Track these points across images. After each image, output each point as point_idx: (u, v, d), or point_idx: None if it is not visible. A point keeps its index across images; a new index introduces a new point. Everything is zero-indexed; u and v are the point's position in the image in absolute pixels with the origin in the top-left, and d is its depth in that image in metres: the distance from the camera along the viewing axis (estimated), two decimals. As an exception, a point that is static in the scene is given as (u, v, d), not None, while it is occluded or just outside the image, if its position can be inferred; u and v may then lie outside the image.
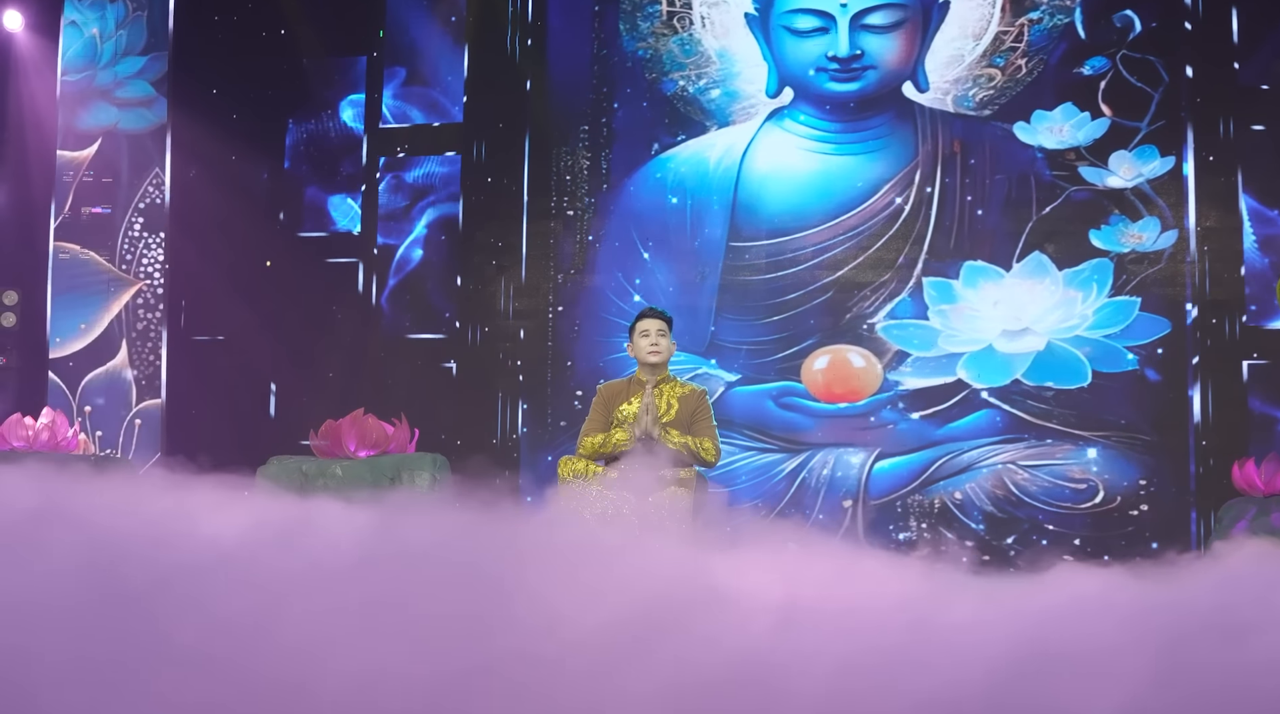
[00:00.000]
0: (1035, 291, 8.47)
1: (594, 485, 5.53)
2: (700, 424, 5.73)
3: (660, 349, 5.79)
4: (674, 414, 5.73)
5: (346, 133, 9.44)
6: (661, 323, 5.84)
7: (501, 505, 3.74)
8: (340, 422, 6.80)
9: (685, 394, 5.80)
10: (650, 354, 5.80)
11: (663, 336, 5.80)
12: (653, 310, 5.93)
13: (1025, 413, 8.43)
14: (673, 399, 5.77)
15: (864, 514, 8.44)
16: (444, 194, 9.24)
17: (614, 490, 5.48)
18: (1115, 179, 8.43)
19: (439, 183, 9.26)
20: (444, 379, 9.07)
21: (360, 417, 6.80)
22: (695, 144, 8.91)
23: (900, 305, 8.63)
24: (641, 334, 5.84)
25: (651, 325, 5.84)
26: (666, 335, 5.81)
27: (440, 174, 9.26)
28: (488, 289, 9.09)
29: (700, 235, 8.84)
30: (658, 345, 5.80)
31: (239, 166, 9.39)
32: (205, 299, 9.35)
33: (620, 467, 5.60)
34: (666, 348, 5.81)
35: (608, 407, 5.81)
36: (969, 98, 8.67)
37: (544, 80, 9.08)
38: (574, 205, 9.02)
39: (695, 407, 5.77)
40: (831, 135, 8.78)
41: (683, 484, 5.54)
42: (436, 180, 9.26)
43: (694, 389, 5.84)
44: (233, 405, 9.16)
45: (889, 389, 8.59)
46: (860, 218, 8.68)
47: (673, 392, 5.81)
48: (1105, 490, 8.30)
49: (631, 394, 5.79)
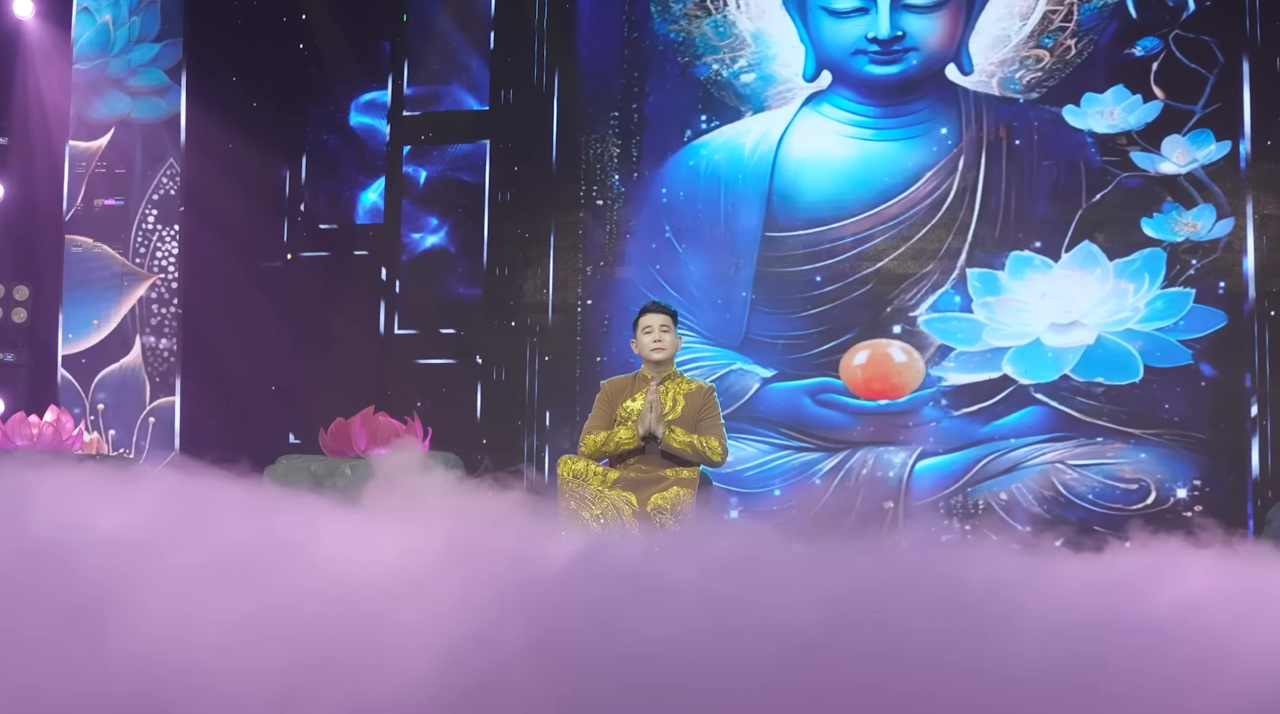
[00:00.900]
0: (1085, 283, 8.32)
1: (594, 486, 5.47)
2: (707, 422, 5.65)
3: (664, 346, 5.69)
4: (680, 411, 5.67)
5: (368, 121, 9.36)
6: (665, 317, 5.73)
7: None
8: (350, 420, 6.74)
9: (692, 390, 5.72)
10: (654, 351, 5.70)
11: (666, 332, 5.70)
12: (655, 304, 5.81)
13: (1074, 410, 8.27)
14: (679, 396, 5.70)
15: (905, 516, 8.26)
16: (469, 184, 9.15)
17: (614, 491, 5.44)
18: (1168, 165, 8.26)
19: (463, 172, 9.17)
20: (468, 375, 9.00)
21: (370, 415, 6.74)
22: (729, 130, 8.78)
23: (943, 298, 8.49)
24: (644, 330, 5.74)
25: (654, 321, 5.73)
26: (671, 331, 5.72)
27: (465, 163, 9.17)
28: (514, 282, 9.01)
29: (735, 225, 8.72)
30: (661, 341, 5.69)
31: (256, 156, 9.30)
32: (221, 293, 9.27)
33: (620, 467, 5.56)
34: (671, 344, 5.72)
35: (611, 404, 5.75)
36: (1015, 80, 8.50)
37: (573, 65, 8.99)
38: (604, 195, 8.91)
39: (702, 403, 5.69)
40: (871, 120, 8.64)
41: (685, 484, 5.49)
42: (461, 170, 9.17)
43: (700, 385, 5.75)
44: (248, 402, 9.10)
45: (931, 385, 8.46)
46: (901, 206, 8.55)
47: (679, 388, 5.73)
48: (1158, 491, 8.14)
49: (636, 390, 5.73)
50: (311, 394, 8.95)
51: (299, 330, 9.21)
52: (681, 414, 5.67)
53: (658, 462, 5.57)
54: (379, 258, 9.23)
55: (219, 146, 9.29)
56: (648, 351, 5.73)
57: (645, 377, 5.76)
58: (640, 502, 5.42)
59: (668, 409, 5.67)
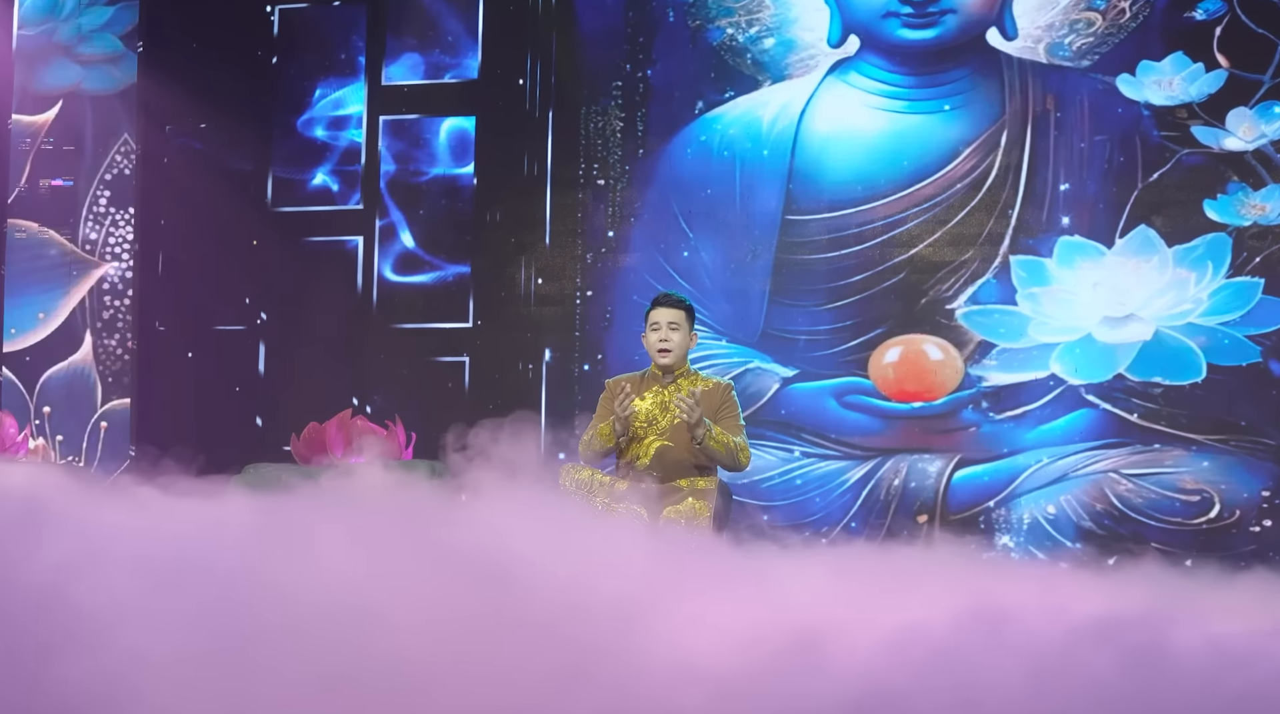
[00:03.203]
0: (1141, 272, 8.13)
1: (600, 497, 5.45)
2: (727, 423, 5.58)
3: (672, 346, 5.61)
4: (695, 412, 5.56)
5: (343, 93, 9.12)
6: (676, 313, 5.66)
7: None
8: (325, 424, 6.82)
9: (708, 389, 5.63)
10: (660, 353, 5.64)
11: (675, 331, 5.62)
12: (666, 297, 5.74)
13: (1129, 413, 8.09)
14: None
15: (941, 530, 8.14)
16: (456, 162, 8.95)
17: (622, 503, 5.41)
18: (1234, 140, 8.05)
19: (450, 149, 8.98)
20: (455, 375, 8.83)
21: (347, 419, 6.82)
22: (746, 102, 8.57)
23: (984, 288, 8.29)
24: (652, 327, 5.69)
25: (662, 316, 5.66)
26: (681, 328, 5.63)
27: (452, 138, 8.97)
28: (506, 271, 8.80)
29: (751, 208, 8.54)
30: (668, 341, 5.62)
31: (219, 132, 9.08)
32: (181, 283, 9.10)
33: (630, 477, 5.54)
34: (680, 344, 5.63)
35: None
36: (1064, 46, 8.26)
37: (571, 30, 8.77)
38: (605, 174, 8.69)
39: (720, 403, 5.61)
40: (904, 91, 8.44)
41: (701, 496, 5.46)
42: (448, 146, 8.98)
43: (718, 383, 5.69)
44: (211, 405, 8.96)
45: (971, 386, 8.27)
46: (937, 187, 8.37)
47: (693, 386, 5.63)
48: (1222, 503, 7.95)
49: (644, 390, 5.68)
50: (281, 394, 8.90)
51: (267, 324, 9.07)
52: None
53: (670, 471, 5.54)
54: (355, 244, 9.04)
55: (178, 120, 9.11)
56: (654, 351, 5.66)
57: (655, 374, 5.69)
58: (652, 515, 5.39)
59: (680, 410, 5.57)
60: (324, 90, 9.12)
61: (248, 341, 9.02)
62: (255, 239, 9.05)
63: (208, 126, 9.02)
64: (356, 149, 9.02)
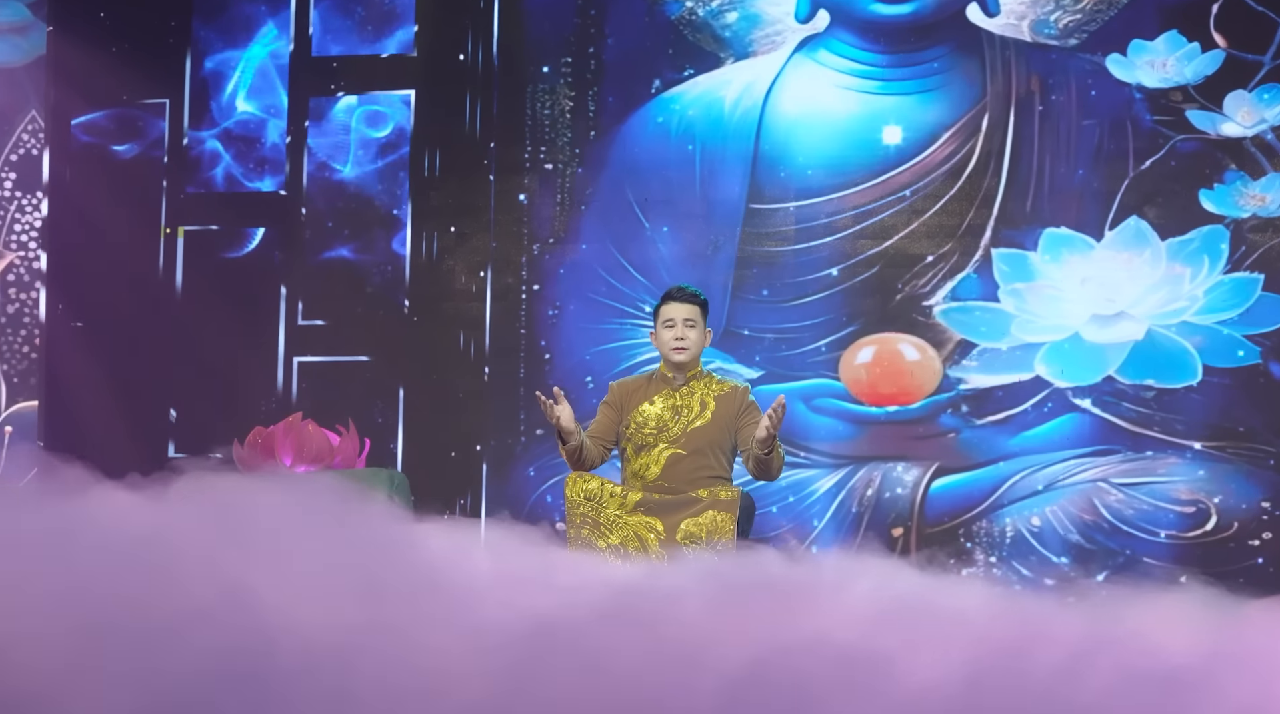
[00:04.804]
0: (1132, 266, 8.05)
1: (610, 510, 5.36)
2: (751, 429, 5.42)
3: (687, 344, 5.50)
4: (709, 417, 5.53)
5: (267, 66, 8.95)
6: (691, 309, 5.55)
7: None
8: (273, 429, 6.74)
9: (724, 393, 5.57)
10: (675, 351, 5.50)
11: (691, 327, 5.52)
12: (681, 291, 5.61)
13: (1120, 418, 8.00)
14: (708, 398, 5.56)
15: (918, 544, 8.09)
16: (390, 143, 8.79)
17: (635, 516, 5.35)
18: (1231, 126, 7.98)
19: (384, 129, 8.82)
20: (388, 375, 8.68)
21: (297, 423, 6.69)
22: (707, 81, 8.46)
23: (964, 284, 8.20)
24: (666, 324, 5.54)
25: (677, 312, 5.53)
26: (697, 325, 5.54)
27: (385, 117, 8.82)
28: (443, 263, 8.62)
29: (713, 196, 8.43)
30: (684, 339, 5.50)
31: (135, 108, 8.91)
32: (93, 275, 8.89)
33: (643, 487, 5.48)
34: (696, 341, 5.53)
35: (620, 410, 5.58)
36: (1050, 23, 8.19)
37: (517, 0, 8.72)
38: (554, 157, 8.55)
39: (740, 407, 5.53)
40: (878, 70, 8.35)
41: (724, 507, 5.34)
42: (380, 127, 8.83)
43: (735, 386, 5.62)
44: (127, 408, 8.74)
45: (950, 388, 8.18)
46: (914, 174, 8.26)
47: (707, 390, 5.57)
48: (1219, 515, 7.88)
49: (653, 393, 5.57)
50: (200, 397, 8.73)
51: (185, 322, 8.87)
52: (711, 420, 5.52)
53: (684, 482, 5.43)
54: (279, 232, 8.84)
55: (92, 96, 8.90)
56: (668, 350, 5.51)
57: (665, 375, 5.57)
58: (668, 529, 5.32)
59: (695, 413, 5.53)
60: (245, 64, 9.02)
61: (168, 337, 8.87)
62: (170, 227, 8.97)
63: (124, 102, 8.93)
64: (280, 128, 8.90)
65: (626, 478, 5.58)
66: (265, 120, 8.93)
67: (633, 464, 5.53)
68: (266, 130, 8.93)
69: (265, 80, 8.95)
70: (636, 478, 5.52)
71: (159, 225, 8.92)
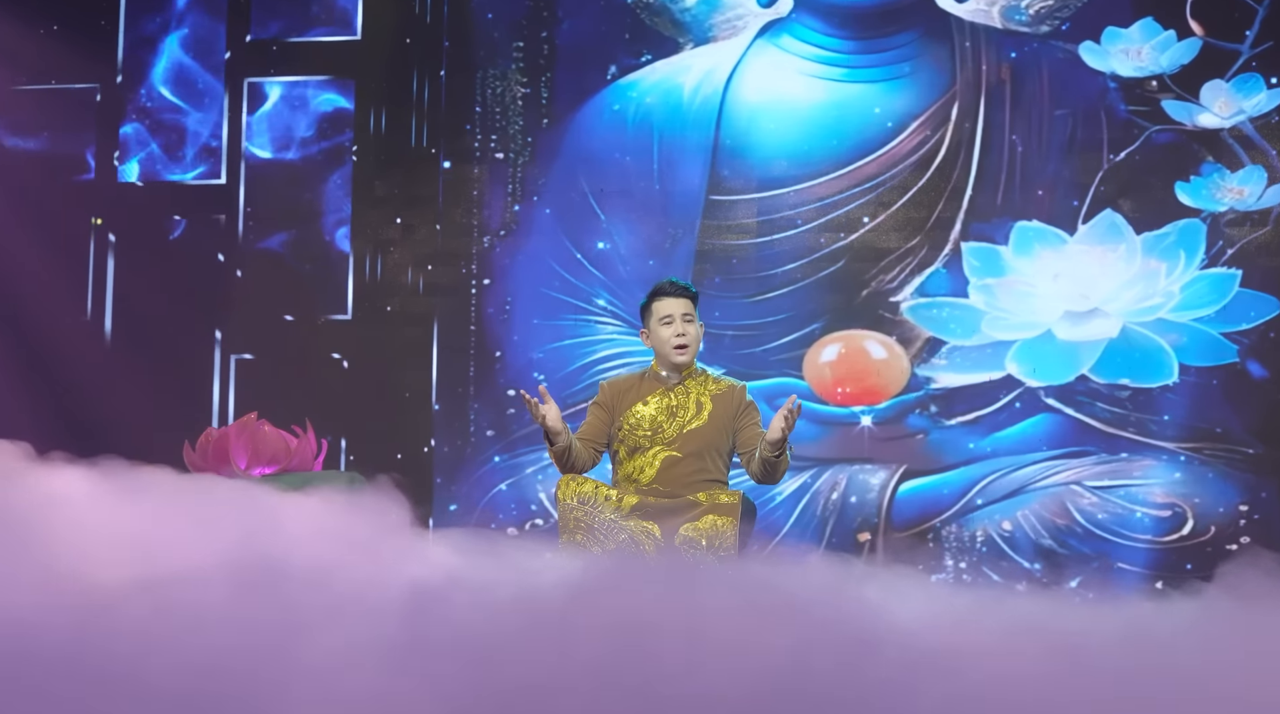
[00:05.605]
0: (1106, 261, 8.06)
1: (606, 514, 5.22)
2: (751, 431, 5.36)
3: (689, 341, 5.34)
4: (706, 417, 5.36)
5: (202, 51, 8.84)
6: (687, 303, 5.39)
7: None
8: (227, 430, 6.64)
9: (720, 392, 5.43)
10: (677, 350, 5.32)
11: (690, 323, 5.36)
12: (674, 285, 5.45)
13: (1094, 418, 8.00)
14: (704, 398, 5.40)
15: (885, 549, 8.05)
16: (333, 131, 8.71)
17: (631, 520, 5.22)
18: (1208, 117, 7.98)
19: (324, 116, 8.74)
20: (331, 375, 8.58)
21: (252, 423, 6.56)
22: (665, 67, 8.43)
23: (932, 279, 8.19)
24: (662, 320, 5.36)
25: (675, 307, 5.35)
26: (694, 320, 5.39)
27: (325, 104, 8.73)
28: (389, 257, 8.57)
29: (671, 186, 8.39)
30: (685, 335, 5.33)
31: (61, 87, 8.85)
32: (16, 268, 8.65)
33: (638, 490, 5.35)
34: (696, 338, 5.39)
35: (611, 411, 5.42)
36: (1021, 10, 8.18)
37: None
38: (505, 146, 8.51)
39: (738, 407, 5.40)
40: (843, 57, 8.32)
41: (724, 511, 5.22)
42: (321, 112, 8.74)
43: (732, 385, 5.48)
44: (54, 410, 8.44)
45: (918, 388, 8.18)
46: (880, 165, 8.25)
47: (703, 389, 5.42)
48: (1196, 518, 7.88)
49: (646, 393, 5.41)
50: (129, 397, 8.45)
51: (113, 316, 8.82)
52: (708, 420, 5.36)
53: (680, 485, 5.28)
54: (214, 224, 8.77)
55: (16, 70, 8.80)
56: (669, 348, 5.33)
57: (658, 374, 5.41)
58: (665, 533, 5.20)
59: (691, 414, 5.38)
60: (181, 48, 8.90)
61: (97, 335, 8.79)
62: (97, 217, 8.83)
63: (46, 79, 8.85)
64: (217, 116, 8.82)
65: (619, 481, 5.45)
66: (204, 107, 8.84)
67: (625, 466, 5.41)
68: (202, 117, 8.81)
69: (202, 64, 8.86)
70: (630, 481, 5.42)
71: (85, 215, 8.82)
